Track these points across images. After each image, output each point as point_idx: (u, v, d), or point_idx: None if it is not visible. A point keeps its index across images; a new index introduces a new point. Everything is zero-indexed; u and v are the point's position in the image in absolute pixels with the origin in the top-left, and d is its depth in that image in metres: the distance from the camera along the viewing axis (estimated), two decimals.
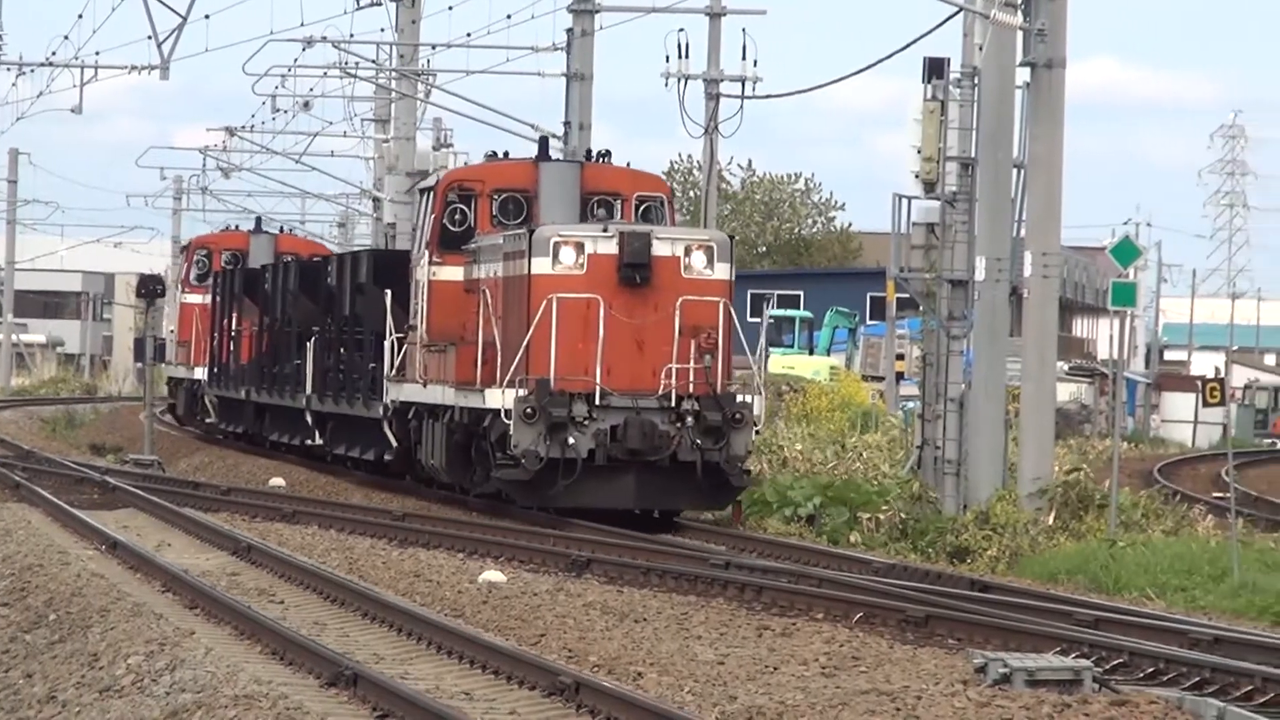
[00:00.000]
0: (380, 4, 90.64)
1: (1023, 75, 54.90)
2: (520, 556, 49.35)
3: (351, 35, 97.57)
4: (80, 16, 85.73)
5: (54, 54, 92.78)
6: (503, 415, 44.35)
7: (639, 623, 37.13)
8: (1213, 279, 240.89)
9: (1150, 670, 31.65)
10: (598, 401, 44.38)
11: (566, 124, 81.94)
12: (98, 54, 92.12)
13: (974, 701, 30.07)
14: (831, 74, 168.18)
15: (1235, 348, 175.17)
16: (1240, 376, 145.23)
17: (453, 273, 51.64)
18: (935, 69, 57.90)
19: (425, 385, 51.00)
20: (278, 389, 74.06)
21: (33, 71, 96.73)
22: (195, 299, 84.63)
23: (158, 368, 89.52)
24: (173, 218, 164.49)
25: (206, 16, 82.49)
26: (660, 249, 44.78)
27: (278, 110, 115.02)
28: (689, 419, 43.83)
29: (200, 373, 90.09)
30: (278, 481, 67.70)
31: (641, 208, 51.42)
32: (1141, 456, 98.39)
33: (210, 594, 38.29)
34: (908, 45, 58.13)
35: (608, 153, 50.57)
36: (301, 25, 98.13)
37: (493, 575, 45.03)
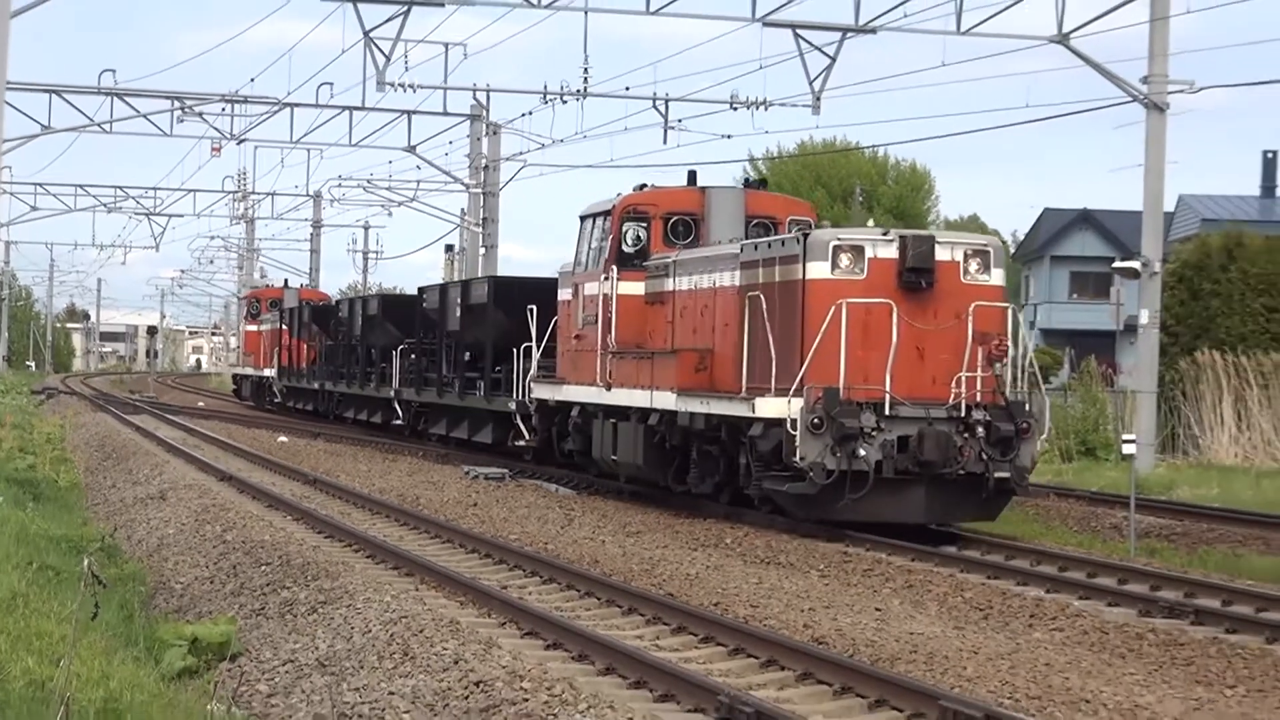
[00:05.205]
0: (240, 223, 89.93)
1: (481, 250, 53.53)
2: (294, 432, 44.96)
3: (229, 235, 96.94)
4: (124, 228, 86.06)
5: (112, 242, 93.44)
6: (788, 425, 22.12)
7: (340, 457, 36.26)
8: None
9: (531, 474, 30.97)
10: (887, 411, 22.24)
11: (310, 270, 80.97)
12: (130, 242, 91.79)
13: (464, 484, 29.57)
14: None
15: None
16: None
17: (633, 287, 27.44)
18: (449, 247, 57.72)
19: (610, 389, 27.28)
20: (357, 382, 47.34)
21: (106, 249, 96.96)
22: (253, 327, 72.78)
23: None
24: (160, 304, 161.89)
25: (174, 228, 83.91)
26: (940, 253, 22.64)
27: (202, 264, 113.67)
28: (978, 429, 22.26)
29: (269, 371, 63.27)
30: (201, 404, 66.35)
31: (794, 230, 25.77)
32: None
33: (175, 446, 36.73)
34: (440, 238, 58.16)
35: (764, 180, 29.86)
36: (210, 229, 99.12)
37: (284, 438, 42.76)
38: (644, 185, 28.52)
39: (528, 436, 31.78)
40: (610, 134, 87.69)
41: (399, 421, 42.25)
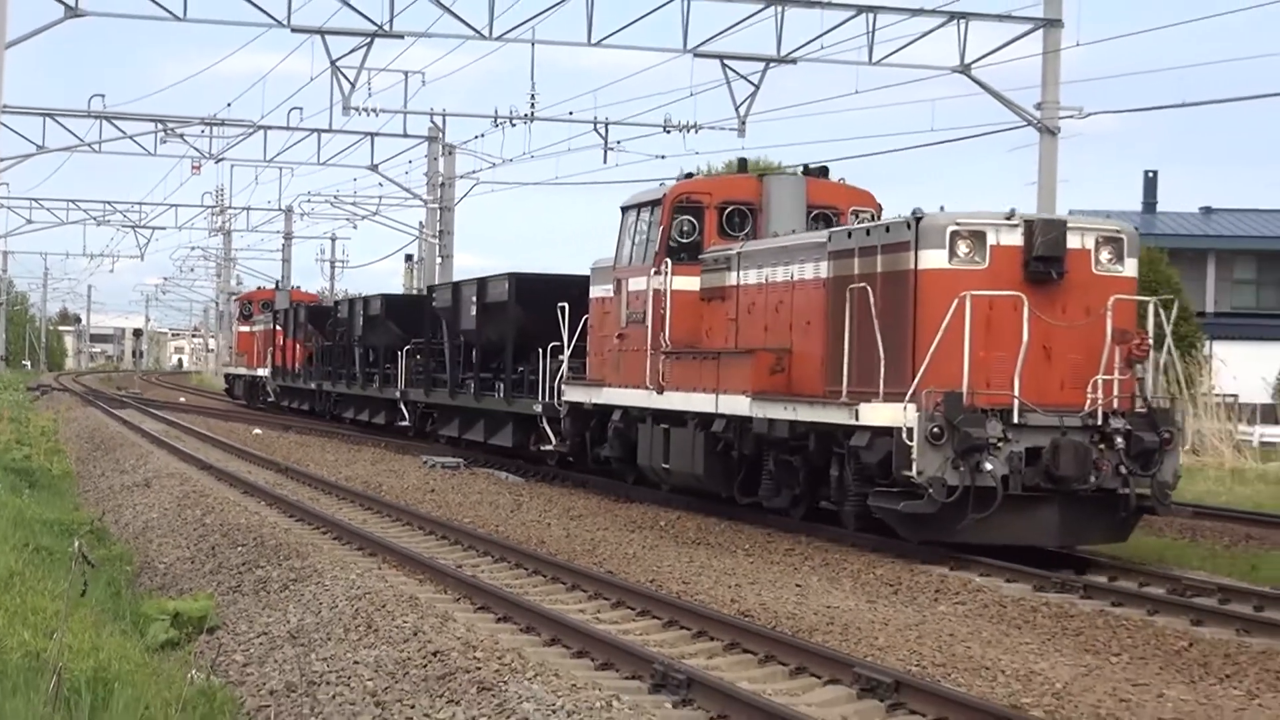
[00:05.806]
0: (218, 235, 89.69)
1: (438, 259, 53.23)
2: (267, 425, 44.46)
3: (208, 246, 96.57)
4: (112, 239, 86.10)
5: (101, 252, 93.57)
6: (901, 435, 16.63)
7: (309, 447, 35.76)
8: None
9: (484, 463, 31.07)
10: (1015, 419, 16.77)
11: (282, 278, 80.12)
12: (117, 252, 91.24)
13: (422, 473, 29.27)
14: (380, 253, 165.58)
15: None
16: None
17: (687, 282, 22.00)
18: (409, 256, 57.17)
19: (661, 392, 21.94)
20: (358, 383, 42.30)
21: (96, 258, 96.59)
22: (245, 328, 66.23)
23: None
24: (145, 309, 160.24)
25: (158, 239, 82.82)
26: (1070, 240, 17.21)
27: (183, 273, 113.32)
28: (1117, 440, 16.87)
29: (262, 371, 58.17)
30: (182, 399, 65.88)
31: (856, 221, 20.67)
32: None
33: (159, 438, 36.26)
34: (400, 248, 57.62)
35: (825, 169, 23.18)
36: (190, 241, 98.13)
37: (258, 430, 42.50)
38: (691, 174, 24.13)
39: (554, 440, 26.90)
40: (555, 154, 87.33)
41: (404, 423, 37.92)
